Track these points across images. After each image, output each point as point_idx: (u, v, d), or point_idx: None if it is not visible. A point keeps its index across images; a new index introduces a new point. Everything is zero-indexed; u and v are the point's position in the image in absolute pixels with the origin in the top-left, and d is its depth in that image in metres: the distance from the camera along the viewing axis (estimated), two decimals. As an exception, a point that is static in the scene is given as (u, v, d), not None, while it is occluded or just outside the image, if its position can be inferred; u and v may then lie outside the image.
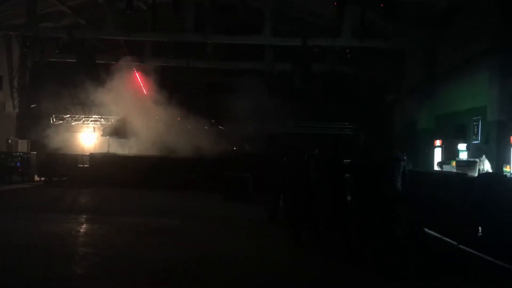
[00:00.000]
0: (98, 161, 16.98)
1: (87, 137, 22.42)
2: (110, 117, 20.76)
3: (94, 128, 22.18)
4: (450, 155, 13.47)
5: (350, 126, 21.38)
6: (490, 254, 6.75)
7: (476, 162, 10.59)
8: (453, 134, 13.89)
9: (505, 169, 9.95)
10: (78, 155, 18.44)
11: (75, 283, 5.33)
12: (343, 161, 7.64)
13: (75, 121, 21.91)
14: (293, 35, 17.50)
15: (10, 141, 19.34)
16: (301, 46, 17.15)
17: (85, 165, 17.48)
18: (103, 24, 18.25)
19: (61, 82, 19.61)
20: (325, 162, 7.60)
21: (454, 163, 11.80)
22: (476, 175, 9.41)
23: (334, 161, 7.46)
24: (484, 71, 12.20)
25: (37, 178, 17.70)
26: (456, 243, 7.72)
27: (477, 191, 7.13)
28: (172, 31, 17.73)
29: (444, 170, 12.18)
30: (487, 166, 10.56)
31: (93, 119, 21.87)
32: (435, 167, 13.45)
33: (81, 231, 8.32)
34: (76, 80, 18.20)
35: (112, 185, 15.00)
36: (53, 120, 21.30)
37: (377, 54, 18.05)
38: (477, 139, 12.51)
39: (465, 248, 7.42)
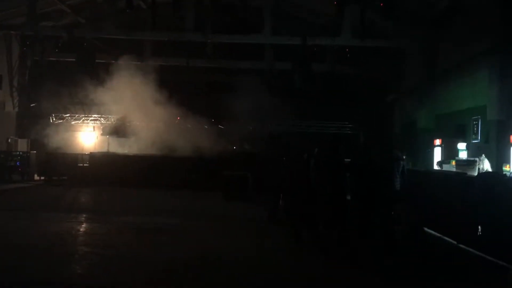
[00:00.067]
0: (98, 160, 16.98)
1: (87, 136, 22.40)
2: (110, 116, 20.74)
3: (94, 127, 22.15)
4: (450, 154, 13.49)
5: (350, 125, 21.39)
6: (489, 253, 6.76)
7: (475, 161, 10.61)
8: (453, 133, 13.89)
9: (504, 168, 9.96)
10: (78, 154, 18.45)
11: (75, 283, 5.33)
12: (343, 161, 7.64)
13: (75, 120, 21.89)
14: (293, 34, 17.51)
15: (10, 140, 19.31)
16: (301, 45, 17.15)
17: (85, 164, 17.48)
18: (103, 23, 18.21)
19: (61, 81, 19.62)
20: (325, 161, 7.60)
21: (453, 163, 11.82)
22: (475, 174, 9.42)
23: (334, 160, 7.46)
24: (484, 71, 12.21)
25: (37, 177, 17.68)
26: (456, 243, 7.73)
27: (477, 190, 7.13)
28: (172, 30, 17.73)
29: (443, 169, 12.19)
30: (487, 165, 10.58)
31: (93, 118, 21.84)
32: (435, 166, 13.45)
33: (81, 230, 8.32)
34: (76, 79, 18.22)
35: (112, 184, 15.00)
36: (53, 119, 21.27)
37: (377, 53, 18.05)
38: (477, 139, 12.51)
39: (465, 247, 7.42)
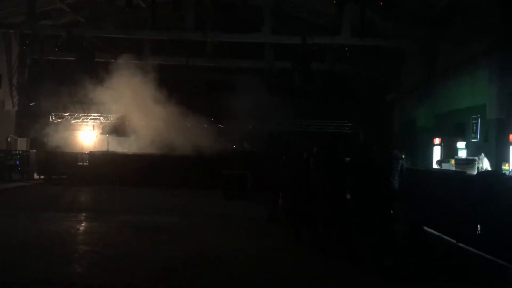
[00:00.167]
0: (97, 159, 16.98)
1: (87, 135, 22.43)
2: (109, 115, 20.74)
3: (93, 126, 22.17)
4: (449, 153, 13.50)
5: (349, 124, 21.40)
6: (489, 252, 6.76)
7: (475, 160, 10.62)
8: (452, 132, 13.92)
9: (504, 167, 9.97)
10: (77, 153, 18.44)
11: (75, 282, 5.34)
12: (342, 160, 7.63)
13: (75, 119, 21.91)
14: (293, 33, 17.50)
15: (9, 139, 19.31)
16: (301, 44, 17.15)
17: (84, 163, 17.46)
18: (102, 22, 18.23)
19: (60, 80, 19.67)
20: (324, 161, 7.59)
21: (453, 161, 11.83)
22: (475, 173, 9.42)
23: (333, 160, 7.45)
24: (483, 70, 12.21)
25: (36, 176, 17.67)
26: (455, 241, 7.73)
27: (476, 189, 7.14)
28: (171, 29, 17.70)
29: (443, 168, 12.19)
30: (486, 164, 10.59)
31: (92, 117, 21.86)
32: (434, 165, 13.46)
33: (81, 229, 8.32)
34: (75, 78, 18.24)
35: (111, 183, 14.99)
36: (52, 118, 21.28)
37: (376, 53, 18.04)
38: (476, 137, 12.52)
39: (464, 246, 7.43)
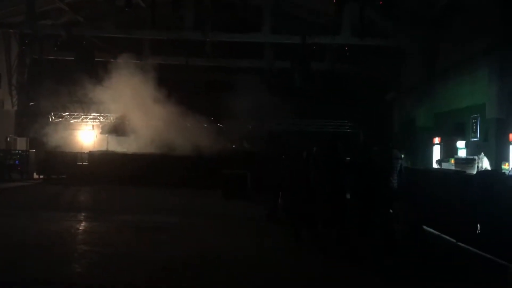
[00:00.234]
0: (97, 159, 16.96)
1: (86, 135, 22.41)
2: (109, 114, 20.73)
3: (93, 125, 22.17)
4: (449, 152, 13.51)
5: (349, 124, 21.39)
6: (488, 251, 6.76)
7: (474, 159, 10.64)
8: (452, 131, 13.91)
9: (503, 166, 9.98)
10: (77, 153, 18.42)
11: (74, 282, 5.33)
12: (342, 160, 7.62)
13: (74, 118, 21.88)
14: (293, 33, 17.49)
15: (9, 139, 19.31)
16: (301, 44, 17.14)
17: (84, 163, 17.45)
18: (102, 21, 18.20)
19: (60, 79, 19.64)
20: (324, 160, 7.58)
21: (452, 161, 11.84)
22: (474, 172, 9.42)
23: (333, 159, 7.45)
24: (483, 69, 12.21)
25: (36, 176, 17.66)
26: (455, 241, 7.74)
27: (476, 188, 7.14)
28: (171, 29, 17.67)
29: (443, 167, 12.20)
30: (486, 163, 10.60)
31: (92, 117, 21.83)
32: (434, 164, 13.47)
33: (80, 229, 8.32)
34: (75, 77, 18.20)
35: (111, 183, 14.96)
36: (52, 117, 21.26)
37: (376, 52, 18.04)
38: (476, 137, 12.53)
39: (464, 245, 7.43)
